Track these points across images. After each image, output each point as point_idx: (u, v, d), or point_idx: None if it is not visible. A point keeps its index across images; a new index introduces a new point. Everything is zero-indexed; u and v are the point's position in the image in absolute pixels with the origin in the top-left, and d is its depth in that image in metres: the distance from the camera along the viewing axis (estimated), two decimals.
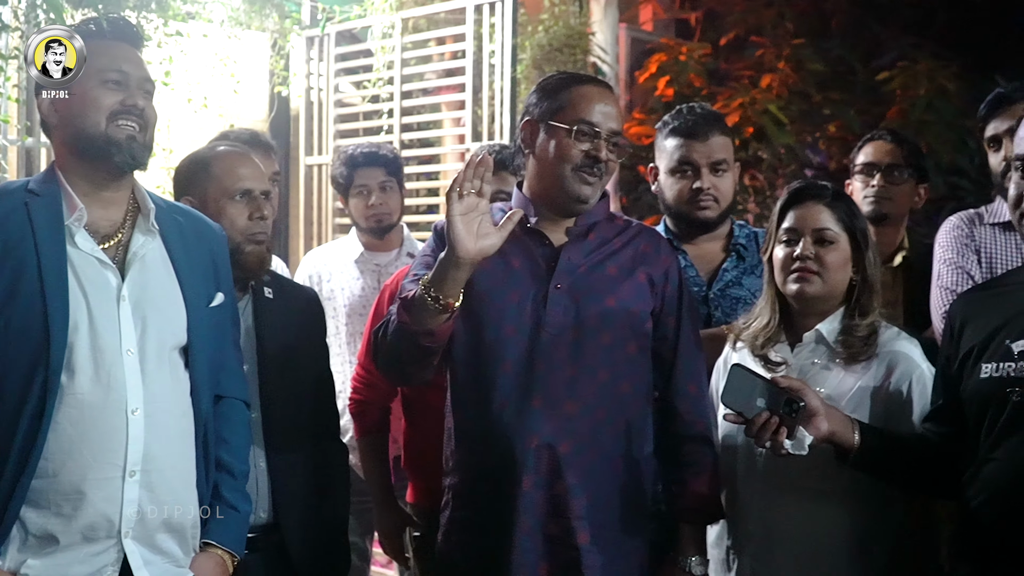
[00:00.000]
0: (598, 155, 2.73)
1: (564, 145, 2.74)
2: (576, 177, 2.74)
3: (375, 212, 4.38)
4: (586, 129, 2.73)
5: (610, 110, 2.78)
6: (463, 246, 2.49)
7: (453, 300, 2.54)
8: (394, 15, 6.05)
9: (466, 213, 2.49)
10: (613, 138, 2.76)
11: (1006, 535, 2.33)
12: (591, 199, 2.78)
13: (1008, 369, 2.38)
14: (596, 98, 2.78)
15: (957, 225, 3.48)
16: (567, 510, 2.69)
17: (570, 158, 2.74)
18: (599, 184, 2.77)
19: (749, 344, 2.89)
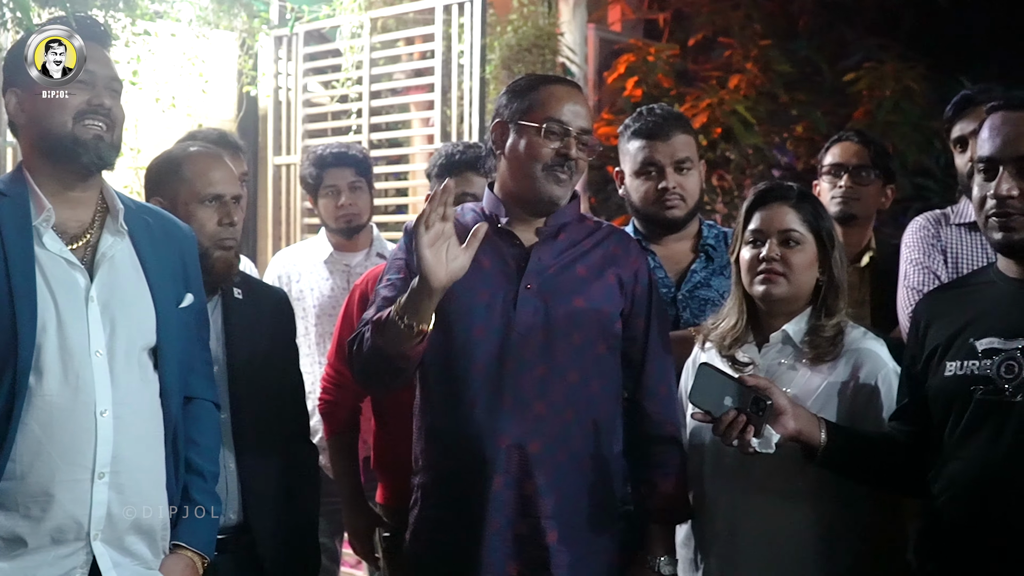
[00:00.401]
0: (568, 153, 2.74)
1: (534, 144, 2.75)
2: (547, 176, 2.75)
3: (344, 212, 4.38)
4: (556, 127, 2.74)
5: (579, 109, 2.79)
6: (434, 277, 2.51)
7: (425, 325, 2.57)
8: (363, 15, 6.03)
9: (433, 243, 2.51)
10: (583, 136, 2.77)
11: (971, 532, 2.35)
12: (562, 198, 2.79)
13: (972, 367, 2.40)
14: (565, 97, 2.79)
15: (923, 225, 3.51)
16: (536, 509, 2.70)
17: (540, 157, 2.75)
18: (570, 183, 2.78)
19: (717, 344, 2.90)
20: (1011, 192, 2.35)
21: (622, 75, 7.70)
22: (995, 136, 2.40)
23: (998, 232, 2.39)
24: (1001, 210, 2.37)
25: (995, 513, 2.31)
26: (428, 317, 2.57)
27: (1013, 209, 2.36)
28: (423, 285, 2.52)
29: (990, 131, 2.42)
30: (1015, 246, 2.39)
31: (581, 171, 2.82)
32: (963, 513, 2.37)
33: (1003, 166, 2.37)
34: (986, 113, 2.48)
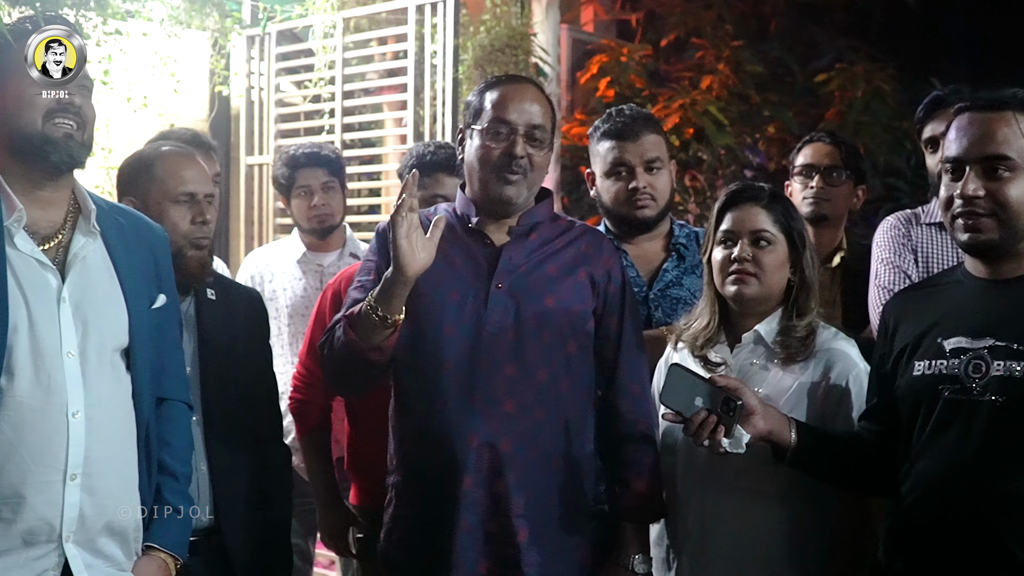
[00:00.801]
0: (513, 151, 2.74)
1: (481, 147, 2.77)
2: (496, 178, 2.76)
3: (317, 213, 4.38)
4: (499, 128, 2.75)
5: (527, 106, 2.78)
6: (410, 266, 2.56)
7: (398, 316, 2.61)
8: (335, 15, 6.02)
9: (408, 234, 2.55)
10: (533, 132, 2.77)
11: (938, 531, 2.37)
12: (516, 198, 2.79)
13: (940, 367, 2.41)
14: (510, 96, 2.79)
15: (894, 225, 3.53)
16: (507, 508, 2.70)
17: (488, 159, 2.76)
18: (523, 182, 2.78)
19: (689, 345, 2.91)
20: (977, 192, 2.37)
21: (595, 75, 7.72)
22: (962, 137, 2.41)
23: (964, 232, 2.41)
24: (967, 210, 2.39)
25: (962, 512, 2.33)
26: (400, 307, 2.61)
27: (979, 209, 2.37)
28: (397, 275, 2.57)
29: (957, 132, 2.44)
30: (981, 246, 2.41)
31: (537, 168, 2.80)
32: (930, 512, 2.39)
33: (969, 166, 2.39)
34: (954, 114, 2.50)
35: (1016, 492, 2.28)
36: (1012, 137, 2.36)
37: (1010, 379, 2.31)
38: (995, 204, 2.36)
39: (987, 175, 2.37)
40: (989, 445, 2.31)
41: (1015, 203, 2.36)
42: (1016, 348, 2.32)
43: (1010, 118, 2.38)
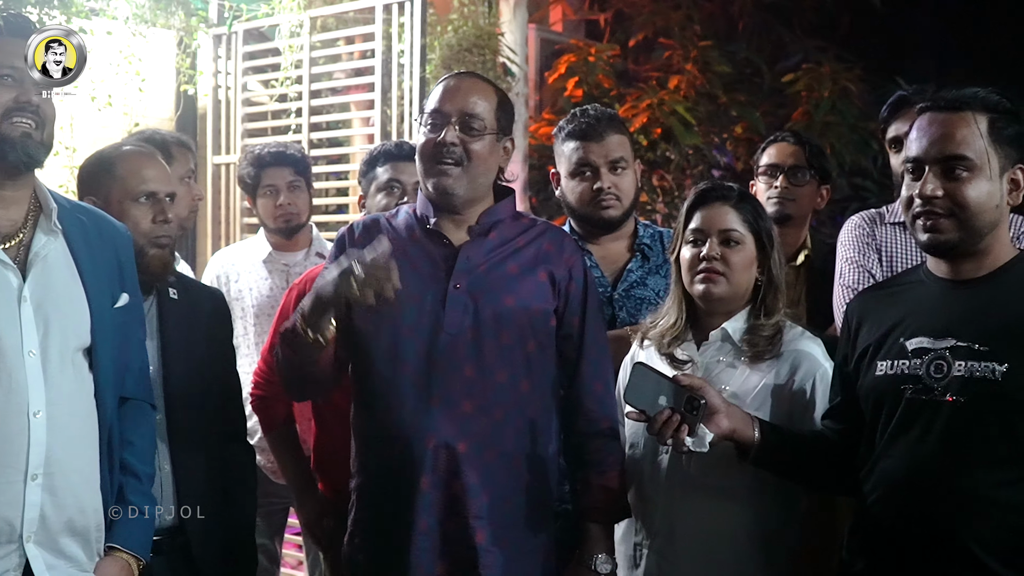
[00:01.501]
0: (443, 139, 2.74)
1: (420, 140, 2.79)
2: (431, 168, 2.77)
3: (283, 212, 4.36)
4: (433, 118, 2.77)
5: (463, 96, 2.79)
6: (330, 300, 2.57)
7: (325, 335, 2.63)
8: (302, 14, 6.00)
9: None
10: (469, 121, 2.77)
11: (900, 529, 2.38)
12: (454, 188, 2.77)
13: (902, 366, 2.42)
14: (448, 88, 2.81)
15: (859, 224, 3.55)
16: (464, 510, 2.69)
17: (424, 151, 2.78)
18: (459, 171, 2.76)
19: (656, 343, 2.92)
20: (936, 192, 2.38)
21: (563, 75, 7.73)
22: (922, 137, 2.42)
23: (924, 232, 2.42)
24: (926, 210, 2.39)
25: (923, 511, 2.34)
26: (327, 326, 2.62)
27: (938, 209, 2.38)
28: (318, 301, 2.59)
29: (917, 132, 2.44)
30: (941, 246, 2.42)
31: (477, 157, 2.78)
32: (892, 511, 2.40)
33: (928, 166, 2.40)
34: (916, 114, 2.51)
35: (976, 491, 2.30)
36: (971, 137, 2.37)
37: (971, 379, 2.32)
38: (954, 204, 2.37)
39: (946, 175, 2.38)
40: (950, 445, 2.33)
41: (973, 203, 2.37)
42: (977, 348, 2.33)
43: (970, 118, 2.39)
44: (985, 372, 2.31)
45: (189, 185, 3.93)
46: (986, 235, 2.41)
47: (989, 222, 2.40)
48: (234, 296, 4.40)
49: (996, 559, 2.28)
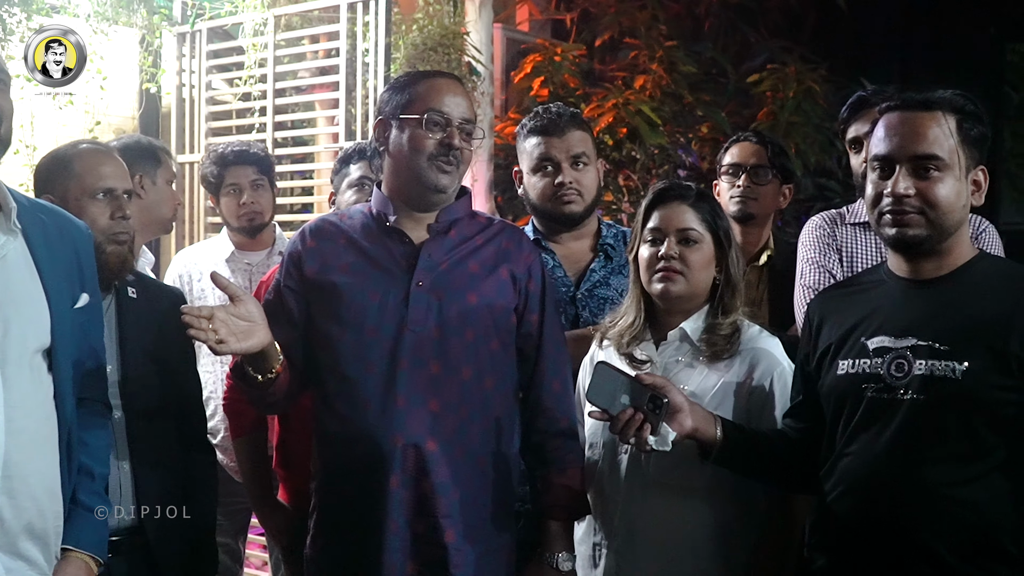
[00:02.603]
0: (452, 142, 2.75)
1: (417, 136, 2.76)
2: (432, 167, 2.76)
3: (246, 211, 4.36)
4: (437, 118, 2.75)
5: (460, 100, 2.80)
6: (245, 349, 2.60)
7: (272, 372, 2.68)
8: (266, 12, 5.97)
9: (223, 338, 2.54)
10: (465, 126, 2.78)
11: (860, 527, 2.39)
12: (449, 188, 2.79)
13: (863, 365, 2.43)
14: (445, 88, 2.80)
15: (820, 225, 3.57)
16: (434, 508, 2.69)
17: (424, 148, 2.75)
18: (456, 173, 2.79)
19: (615, 343, 2.92)
20: (908, 191, 2.39)
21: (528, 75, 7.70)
22: (892, 135, 2.43)
23: (892, 228, 2.42)
24: (897, 207, 2.41)
25: (883, 509, 2.35)
26: (271, 365, 2.67)
27: (909, 207, 2.39)
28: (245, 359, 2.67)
29: (887, 130, 2.45)
30: (909, 242, 2.43)
31: (466, 161, 2.82)
32: (853, 509, 2.41)
33: (900, 164, 2.40)
34: (879, 113, 2.52)
35: (936, 489, 2.31)
36: (942, 137, 2.39)
37: (931, 378, 2.33)
38: (924, 203, 2.39)
39: (917, 174, 2.39)
40: (910, 443, 2.34)
41: (944, 202, 2.39)
42: (937, 347, 2.35)
43: (940, 118, 2.40)
44: (945, 371, 2.33)
45: (173, 189, 3.99)
46: (951, 234, 2.42)
47: (956, 221, 2.42)
48: (197, 295, 4.39)
49: (955, 556, 2.30)
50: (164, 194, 3.96)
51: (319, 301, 2.79)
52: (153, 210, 3.93)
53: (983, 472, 2.31)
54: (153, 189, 3.91)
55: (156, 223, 4.05)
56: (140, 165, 3.86)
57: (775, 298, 3.78)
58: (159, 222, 4.04)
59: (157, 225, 4.08)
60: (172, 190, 4.05)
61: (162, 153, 3.99)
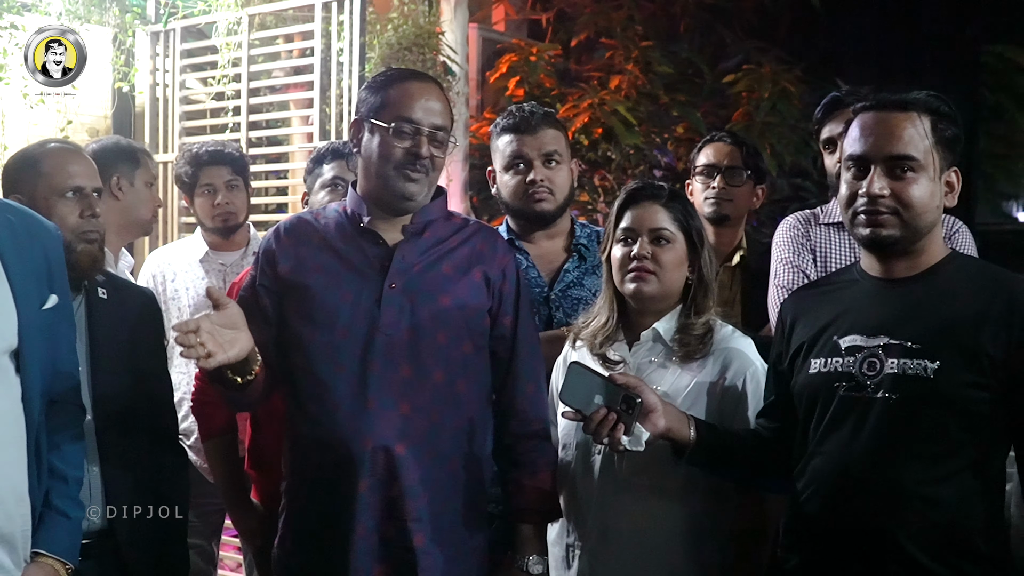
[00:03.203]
0: (419, 152, 2.72)
1: (385, 143, 2.73)
2: (399, 175, 2.73)
3: (221, 211, 4.34)
4: (406, 127, 2.72)
5: (433, 105, 2.76)
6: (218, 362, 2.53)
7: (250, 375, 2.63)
8: (240, 11, 5.95)
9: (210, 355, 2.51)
10: (436, 134, 2.75)
11: (833, 526, 2.39)
12: (417, 196, 2.76)
13: (835, 364, 2.43)
14: (417, 94, 2.77)
15: (794, 225, 3.57)
16: (403, 512, 2.68)
17: (391, 156, 2.73)
18: (425, 180, 2.76)
19: (588, 343, 2.92)
20: (883, 191, 2.39)
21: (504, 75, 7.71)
22: (868, 135, 2.43)
23: (866, 228, 2.43)
24: (872, 208, 2.41)
25: (856, 508, 2.36)
26: (250, 368, 2.62)
27: (883, 208, 2.39)
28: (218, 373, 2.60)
29: (862, 130, 2.45)
30: (883, 242, 2.43)
31: (438, 168, 2.79)
32: (825, 508, 2.41)
33: (875, 165, 2.41)
34: (853, 113, 2.52)
35: (908, 489, 2.32)
36: (917, 138, 2.39)
37: (903, 376, 2.34)
38: (899, 203, 2.39)
39: (892, 174, 2.39)
40: (882, 442, 2.35)
41: (918, 203, 2.39)
42: (909, 346, 2.35)
43: (916, 119, 2.41)
44: (917, 370, 2.33)
45: (152, 190, 3.98)
46: (925, 235, 2.43)
47: (930, 222, 2.42)
48: (170, 295, 4.37)
49: (927, 555, 2.30)
50: (142, 196, 3.95)
51: (292, 301, 2.77)
52: (131, 212, 3.92)
53: (954, 471, 2.32)
54: (131, 191, 3.90)
55: (134, 225, 4.03)
56: (117, 166, 3.84)
57: (748, 298, 3.79)
58: (138, 224, 4.03)
59: (136, 227, 4.07)
60: (151, 192, 4.04)
61: (141, 154, 3.99)
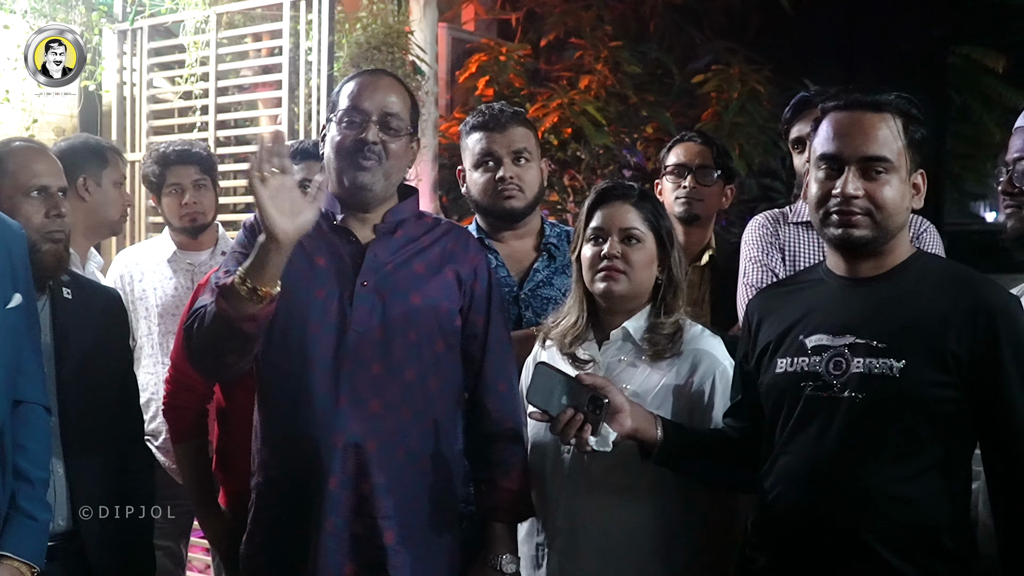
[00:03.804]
0: (364, 137, 2.73)
1: (337, 136, 2.76)
2: (349, 164, 2.74)
3: (189, 211, 4.31)
4: (352, 116, 2.75)
5: (382, 95, 2.78)
6: (281, 228, 2.41)
7: (271, 288, 2.46)
8: (208, 9, 5.91)
9: (275, 195, 2.41)
10: (387, 120, 2.76)
11: (799, 526, 2.39)
12: (372, 186, 2.76)
13: (802, 363, 2.43)
14: (365, 85, 2.80)
15: (762, 224, 3.58)
16: (373, 509, 2.67)
17: (342, 147, 2.75)
18: (378, 169, 2.75)
19: (558, 342, 2.92)
20: (856, 192, 2.38)
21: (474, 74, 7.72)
22: (841, 135, 2.42)
23: (838, 228, 2.42)
24: (845, 208, 2.40)
25: (822, 508, 2.35)
26: (275, 279, 2.46)
27: (856, 208, 2.39)
28: (270, 241, 2.42)
29: (835, 130, 2.44)
30: (854, 243, 2.43)
31: (392, 156, 2.78)
32: (791, 508, 2.41)
33: (849, 165, 2.40)
34: (821, 112, 2.51)
35: (874, 488, 2.32)
36: (891, 139, 2.39)
37: (869, 376, 2.34)
38: (871, 204, 2.39)
39: (866, 175, 2.39)
40: (848, 441, 2.35)
41: (891, 204, 2.39)
42: (875, 345, 2.35)
43: (889, 120, 2.40)
44: (883, 369, 2.33)
45: (120, 190, 3.94)
46: (895, 235, 2.43)
47: (900, 223, 2.43)
48: (137, 295, 4.34)
49: (893, 554, 2.30)
50: (110, 196, 3.92)
51: None
52: (98, 213, 3.89)
53: (920, 470, 2.32)
54: (98, 191, 3.87)
55: (103, 225, 4.00)
56: (84, 166, 3.82)
57: (717, 298, 3.79)
58: (106, 224, 4.00)
59: (104, 228, 4.04)
60: (120, 192, 4.01)
61: (110, 153, 3.96)
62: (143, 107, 6.23)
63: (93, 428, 2.90)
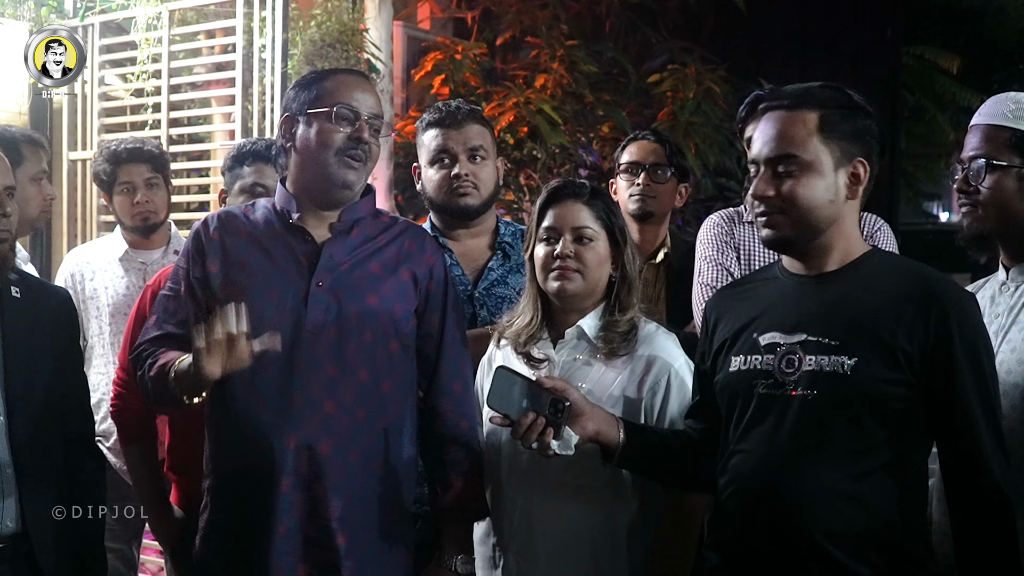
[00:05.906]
0: (360, 136, 2.73)
1: (325, 130, 2.73)
2: (340, 161, 2.73)
3: (140, 210, 4.28)
4: (346, 112, 2.73)
5: (367, 96, 2.78)
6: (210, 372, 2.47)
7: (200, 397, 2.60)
8: (160, 6, 5.86)
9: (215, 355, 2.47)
10: (373, 121, 2.76)
11: (752, 525, 2.39)
12: (356, 183, 2.76)
13: (755, 362, 2.43)
14: (354, 84, 2.79)
15: (717, 223, 3.59)
16: (326, 511, 2.66)
17: (332, 142, 2.73)
18: (363, 169, 2.76)
19: (512, 342, 2.91)
20: (766, 192, 2.40)
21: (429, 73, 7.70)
22: (760, 136, 2.45)
23: (763, 229, 2.45)
24: (762, 209, 2.42)
25: (774, 506, 2.35)
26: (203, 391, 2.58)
27: (770, 208, 2.41)
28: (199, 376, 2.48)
29: (759, 131, 2.47)
30: (779, 243, 2.44)
31: (375, 157, 2.80)
32: (743, 505, 2.41)
33: (761, 166, 2.42)
34: (760, 113, 2.53)
35: (824, 486, 2.31)
36: (803, 135, 2.39)
37: (820, 373, 2.34)
38: (784, 202, 2.39)
39: (776, 174, 2.40)
40: (799, 439, 2.34)
41: (803, 201, 2.38)
42: (826, 342, 2.35)
43: (801, 116, 2.40)
44: (834, 366, 2.33)
45: (40, 185, 3.85)
46: (824, 230, 2.42)
47: (824, 218, 2.41)
48: (88, 295, 4.30)
49: (846, 553, 2.30)
50: (27, 193, 3.77)
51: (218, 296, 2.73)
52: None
53: (871, 468, 2.32)
54: None
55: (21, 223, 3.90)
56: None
57: (672, 296, 3.80)
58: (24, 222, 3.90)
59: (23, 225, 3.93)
60: (39, 188, 3.87)
61: (26, 146, 3.83)
62: (94, 104, 6.17)
63: (42, 429, 2.85)
